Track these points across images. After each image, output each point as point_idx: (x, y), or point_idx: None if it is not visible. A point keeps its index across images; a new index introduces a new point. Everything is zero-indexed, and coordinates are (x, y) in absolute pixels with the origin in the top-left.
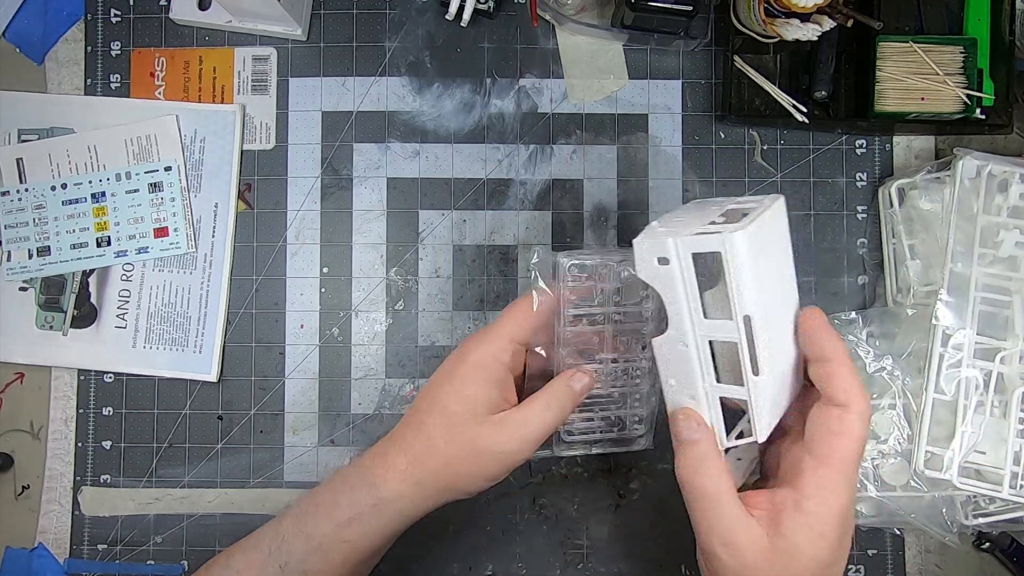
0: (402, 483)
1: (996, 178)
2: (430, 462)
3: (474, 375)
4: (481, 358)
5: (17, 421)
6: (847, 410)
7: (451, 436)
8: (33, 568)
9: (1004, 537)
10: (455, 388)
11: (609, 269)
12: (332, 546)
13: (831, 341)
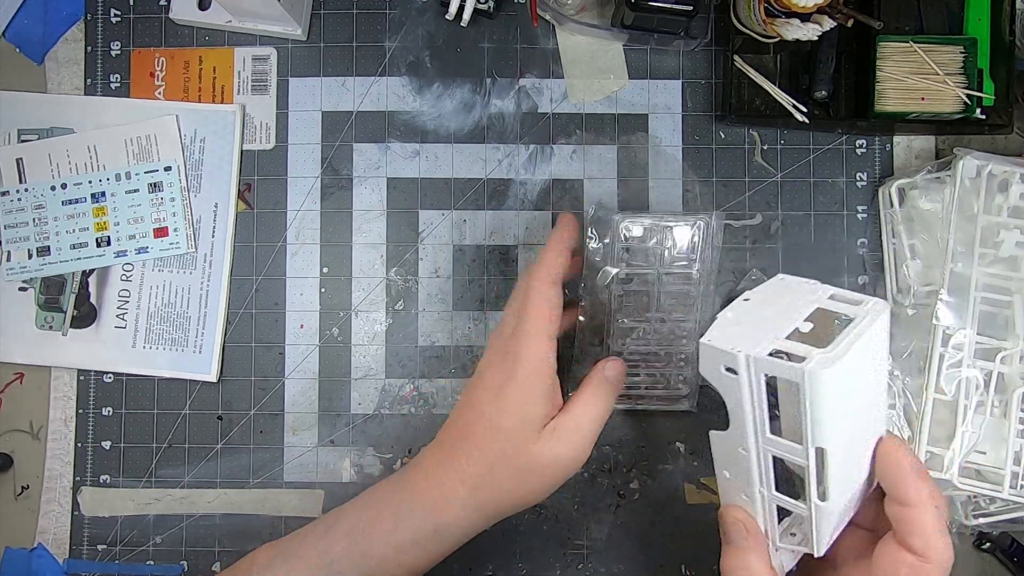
0: (463, 510)
1: (996, 178)
2: (492, 490)
3: (528, 388)
4: (534, 368)
5: (17, 421)
6: (925, 560)
7: (511, 459)
8: (33, 568)
9: (1004, 537)
10: (509, 405)
11: (661, 231)
12: (389, 568)
13: (915, 483)
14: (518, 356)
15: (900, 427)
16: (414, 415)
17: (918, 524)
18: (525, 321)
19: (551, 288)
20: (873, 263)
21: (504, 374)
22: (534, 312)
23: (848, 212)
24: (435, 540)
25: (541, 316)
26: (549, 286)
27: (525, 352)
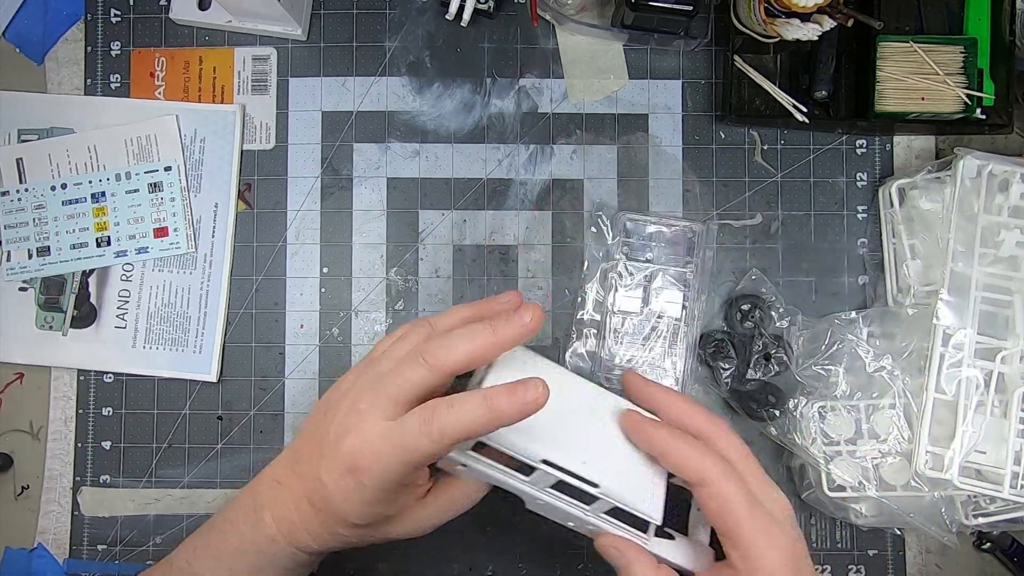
0: (318, 552)
1: (997, 178)
2: (342, 543)
3: (384, 492)
4: (373, 486)
5: (17, 421)
6: (705, 487)
7: (369, 530)
8: (33, 568)
9: (1005, 537)
10: (368, 505)
11: (661, 232)
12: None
13: (651, 438)
14: (359, 462)
15: (900, 427)
16: None
17: (718, 513)
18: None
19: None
20: (873, 263)
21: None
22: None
23: (848, 212)
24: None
25: (409, 459)
26: (447, 446)
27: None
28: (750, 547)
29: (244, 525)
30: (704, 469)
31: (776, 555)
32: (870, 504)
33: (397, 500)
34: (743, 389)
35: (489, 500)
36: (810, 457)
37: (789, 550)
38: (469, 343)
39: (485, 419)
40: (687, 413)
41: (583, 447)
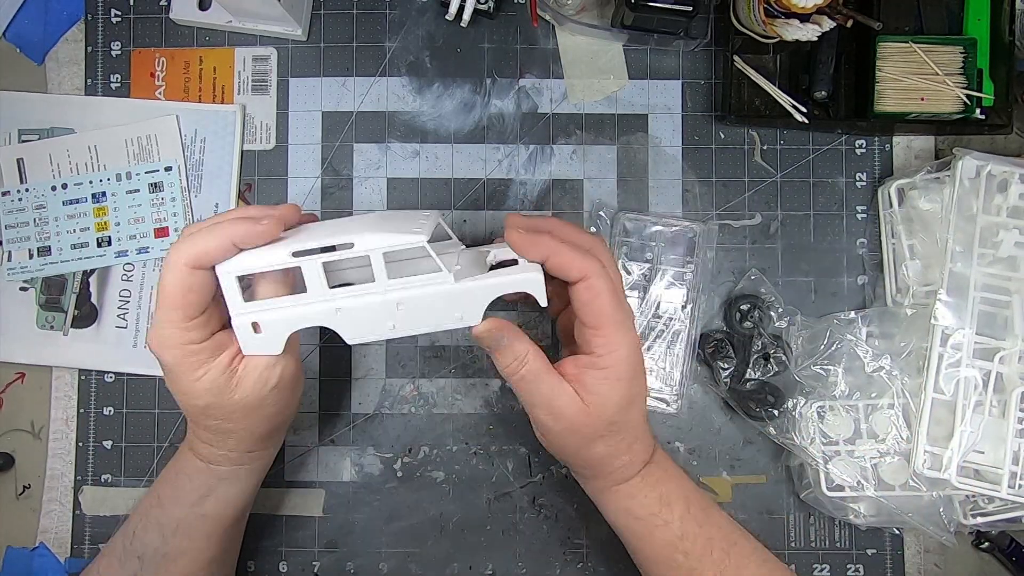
0: (231, 460)
1: (996, 178)
2: (233, 440)
3: (184, 379)
4: (175, 365)
5: (18, 421)
6: (585, 280)
7: (221, 417)
8: (34, 567)
9: (1003, 536)
10: (184, 391)
11: (661, 232)
12: (192, 523)
13: (534, 246)
14: (158, 351)
15: (899, 427)
16: (414, 415)
17: (558, 260)
18: (156, 312)
19: (191, 272)
20: (872, 263)
21: (164, 370)
22: (164, 300)
23: (848, 212)
24: (228, 484)
25: (171, 304)
26: (188, 271)
27: (163, 351)
28: (612, 335)
29: (173, 462)
30: (586, 267)
31: (629, 344)
32: (869, 504)
33: (197, 360)
34: (742, 389)
35: (490, 500)
36: (809, 457)
37: (636, 344)
38: (202, 239)
39: (214, 230)
40: (572, 231)
41: (337, 233)
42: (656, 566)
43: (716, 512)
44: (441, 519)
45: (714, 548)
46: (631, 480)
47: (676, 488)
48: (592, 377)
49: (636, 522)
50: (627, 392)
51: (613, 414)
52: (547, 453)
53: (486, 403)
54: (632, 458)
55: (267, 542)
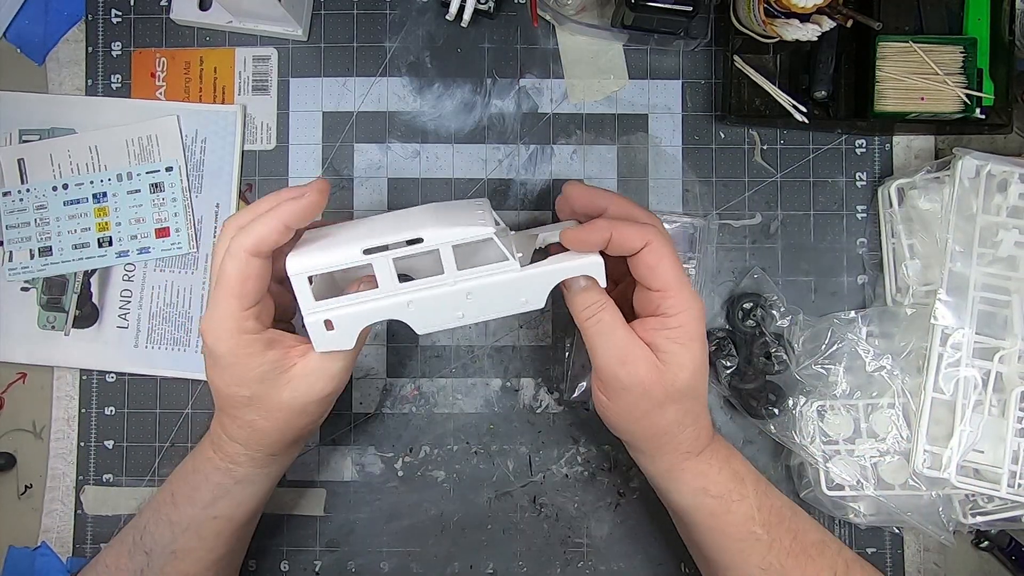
0: (253, 462)
1: (995, 178)
2: (264, 440)
3: (235, 369)
4: (227, 354)
5: (19, 421)
6: (648, 247)
7: (262, 413)
8: (36, 567)
9: (1003, 536)
10: (232, 381)
11: None
12: (204, 523)
13: (594, 234)
14: (209, 338)
15: (899, 426)
16: (415, 414)
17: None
18: (213, 300)
19: (250, 260)
20: (872, 263)
21: (208, 356)
22: (223, 288)
23: (847, 212)
24: (242, 488)
25: (230, 292)
26: (247, 258)
27: (217, 336)
28: (680, 294)
29: (190, 459)
30: (646, 234)
31: (697, 304)
32: (868, 503)
33: (249, 351)
34: (744, 387)
35: (490, 500)
36: (809, 456)
37: (701, 303)
38: (259, 226)
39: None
40: (627, 205)
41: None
42: (734, 543)
43: (771, 485)
44: (442, 518)
45: (785, 517)
46: (701, 455)
47: (743, 463)
48: (664, 337)
49: (712, 500)
50: (700, 355)
51: (688, 376)
52: (547, 453)
53: (487, 403)
54: (699, 431)
55: (268, 541)
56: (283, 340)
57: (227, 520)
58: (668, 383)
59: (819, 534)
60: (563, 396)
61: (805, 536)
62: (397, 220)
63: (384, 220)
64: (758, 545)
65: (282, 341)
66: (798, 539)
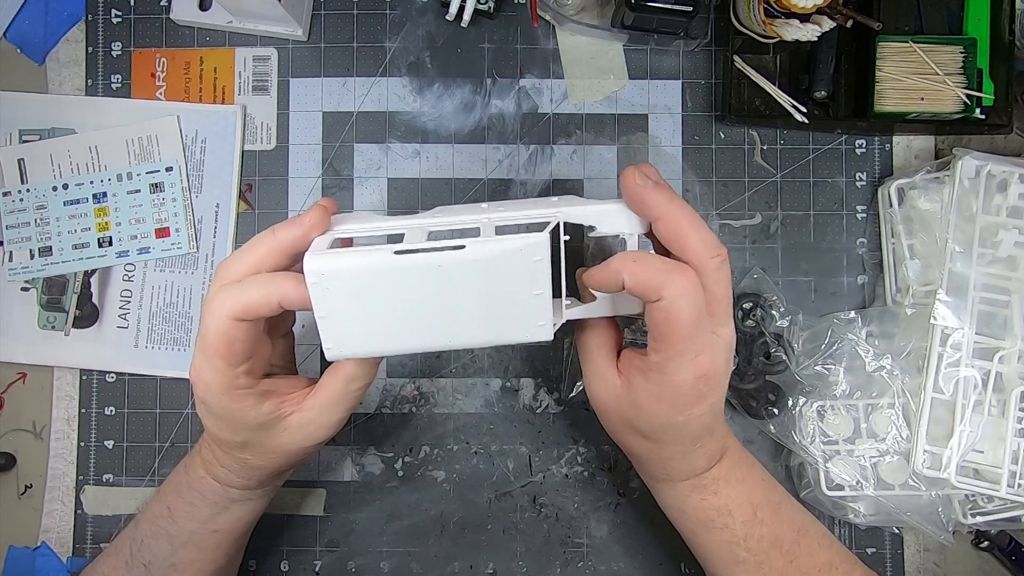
0: (247, 486)
1: (995, 178)
2: (256, 474)
3: (230, 421)
4: (223, 410)
5: (19, 421)
6: (659, 303)
7: (256, 454)
8: (36, 567)
9: (1003, 536)
10: (226, 430)
11: None
12: (204, 536)
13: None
14: (200, 390)
15: (899, 426)
16: (415, 414)
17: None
18: (199, 350)
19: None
20: (872, 263)
21: (198, 402)
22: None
23: (847, 212)
24: (240, 505)
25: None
26: (232, 323)
27: (209, 392)
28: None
29: (184, 472)
30: (663, 287)
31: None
32: (868, 503)
33: (242, 406)
34: (743, 387)
35: (490, 500)
36: (809, 456)
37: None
38: (251, 251)
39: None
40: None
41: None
42: (717, 560)
43: (787, 507)
44: (442, 518)
45: (783, 541)
46: (683, 482)
47: (739, 495)
48: (638, 383)
49: (690, 522)
50: (670, 416)
51: (647, 428)
52: (547, 453)
53: (487, 403)
54: (671, 471)
55: (268, 541)
56: (278, 389)
57: (227, 533)
58: (624, 422)
59: (829, 555)
60: (563, 396)
61: (808, 559)
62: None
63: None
64: (744, 565)
65: (277, 391)
66: (796, 562)
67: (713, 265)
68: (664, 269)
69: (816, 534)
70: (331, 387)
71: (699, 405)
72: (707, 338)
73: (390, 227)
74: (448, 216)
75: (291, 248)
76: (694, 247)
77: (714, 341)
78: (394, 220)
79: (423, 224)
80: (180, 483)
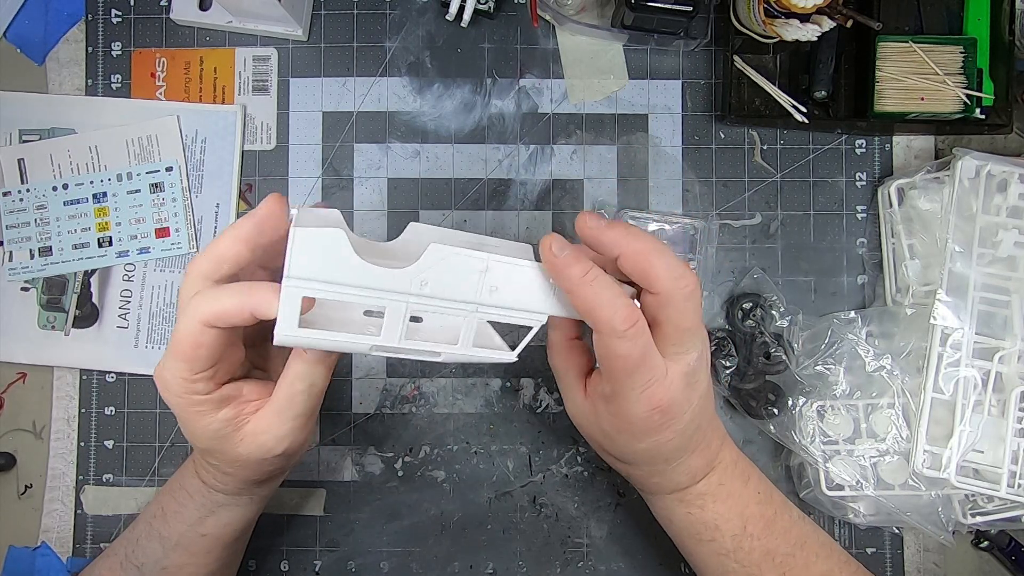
0: (228, 491)
1: (995, 178)
2: (230, 481)
3: (187, 424)
4: (179, 411)
5: (19, 421)
6: (605, 336)
7: (222, 462)
8: (36, 567)
9: (1002, 536)
10: (188, 433)
11: (662, 230)
12: (192, 540)
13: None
14: (164, 392)
15: (899, 426)
16: (415, 414)
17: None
18: (167, 351)
19: (205, 330)
20: (872, 263)
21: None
22: (174, 347)
23: (847, 212)
24: (227, 509)
25: (180, 355)
26: (202, 328)
27: (167, 392)
28: (624, 390)
29: (180, 473)
30: (615, 324)
31: (646, 402)
32: (868, 503)
33: (197, 411)
34: (743, 387)
35: (490, 500)
36: (809, 456)
37: (662, 398)
38: (215, 245)
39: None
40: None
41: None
42: (708, 570)
43: (782, 518)
44: (442, 518)
45: (775, 555)
46: (669, 495)
47: (728, 510)
48: (603, 408)
49: (679, 531)
50: (634, 445)
51: (618, 453)
52: (547, 453)
53: (487, 403)
54: (661, 482)
55: (268, 541)
56: (238, 395)
57: (215, 538)
58: (600, 444)
59: (827, 565)
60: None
61: (804, 570)
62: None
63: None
64: (733, 574)
65: (238, 396)
66: (789, 574)
67: (682, 296)
68: (623, 305)
69: (814, 545)
70: (278, 391)
71: (661, 433)
72: (654, 373)
73: (370, 291)
74: (439, 277)
75: (251, 239)
76: (660, 278)
77: (668, 372)
78: (375, 278)
79: (406, 303)
80: (175, 483)
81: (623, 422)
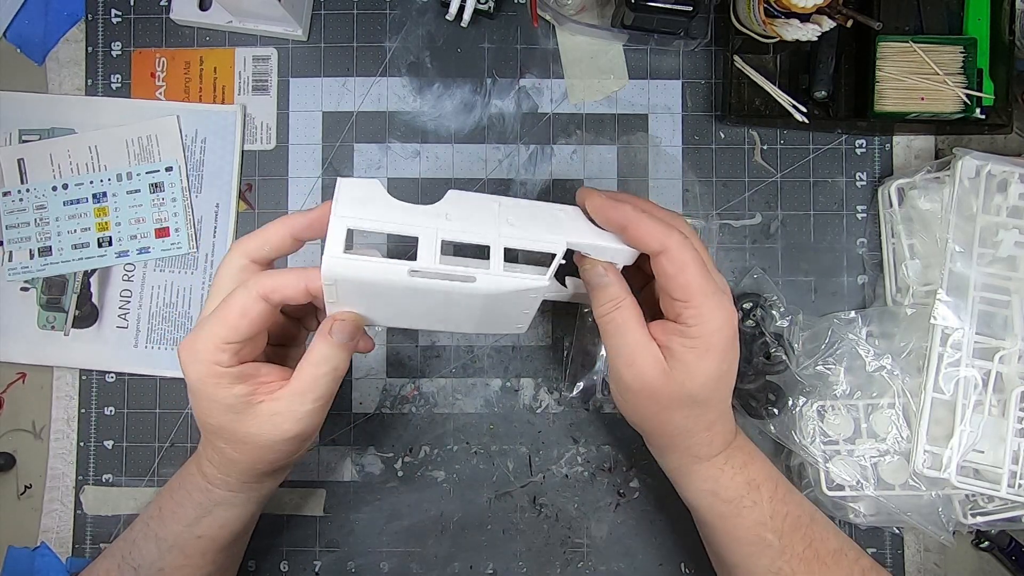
0: (227, 487)
1: (995, 178)
2: (234, 469)
3: (202, 397)
4: (195, 381)
5: (19, 421)
6: (666, 253)
7: (230, 443)
8: (36, 567)
9: (1003, 536)
10: (201, 408)
11: None
12: (188, 541)
13: (614, 211)
14: (186, 368)
15: (899, 426)
16: (415, 414)
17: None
18: (200, 322)
19: (259, 302)
20: (872, 263)
21: (188, 383)
22: (212, 313)
23: (847, 212)
24: (223, 510)
25: (216, 319)
26: (257, 299)
27: (191, 365)
28: (702, 305)
29: (180, 472)
30: (665, 238)
31: (721, 316)
32: (868, 503)
33: (215, 381)
34: (744, 387)
35: (490, 500)
36: (809, 456)
37: (730, 314)
38: (265, 230)
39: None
40: (650, 204)
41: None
42: (743, 546)
43: (796, 490)
44: (442, 519)
45: (801, 524)
46: (714, 459)
47: (761, 469)
48: (679, 344)
49: (722, 504)
50: (716, 367)
51: (697, 387)
52: (547, 453)
53: (487, 403)
54: (712, 437)
55: (268, 541)
56: (257, 374)
57: (211, 540)
58: (674, 391)
59: (838, 542)
60: (563, 396)
61: (822, 544)
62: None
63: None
64: (768, 550)
65: (256, 376)
66: (813, 546)
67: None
68: (665, 226)
69: (822, 520)
70: (300, 373)
71: (733, 349)
72: (715, 285)
73: (404, 223)
74: (461, 212)
75: (299, 233)
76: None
77: (719, 287)
78: (407, 213)
79: (436, 229)
80: (175, 483)
81: (709, 340)
